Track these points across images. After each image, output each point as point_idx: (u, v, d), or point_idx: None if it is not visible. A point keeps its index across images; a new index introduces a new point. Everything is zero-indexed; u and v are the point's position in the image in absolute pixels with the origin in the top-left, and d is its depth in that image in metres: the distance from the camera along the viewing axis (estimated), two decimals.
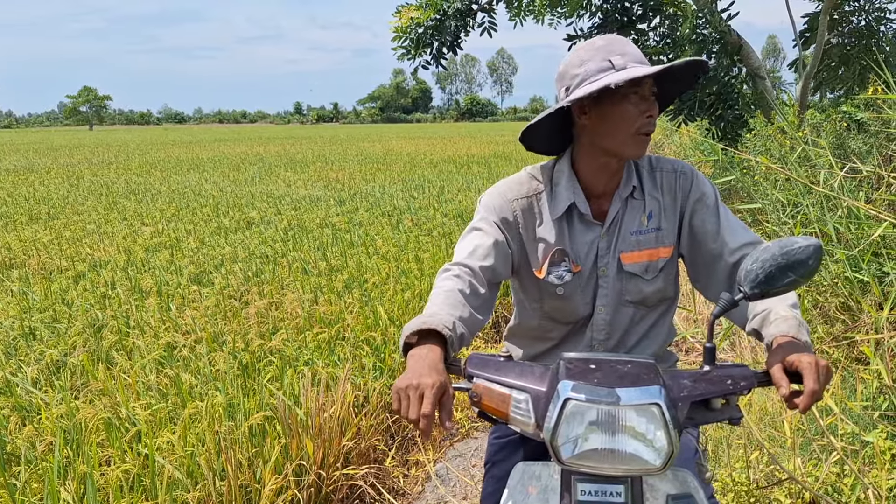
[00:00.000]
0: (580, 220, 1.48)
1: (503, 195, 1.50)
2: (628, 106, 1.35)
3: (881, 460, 2.16)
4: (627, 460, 1.00)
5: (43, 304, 4.61)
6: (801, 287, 1.08)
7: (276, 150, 26.54)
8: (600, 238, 1.47)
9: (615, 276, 1.47)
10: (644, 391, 1.00)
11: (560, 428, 1.00)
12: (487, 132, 47.87)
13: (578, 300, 1.49)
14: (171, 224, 8.22)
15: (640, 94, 1.35)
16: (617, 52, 1.35)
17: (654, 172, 1.49)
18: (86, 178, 15.14)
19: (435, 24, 7.70)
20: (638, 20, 7.64)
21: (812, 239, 1.08)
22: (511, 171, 14.12)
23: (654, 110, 1.37)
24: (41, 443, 2.60)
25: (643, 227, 1.46)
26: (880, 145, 5.39)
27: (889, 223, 2.77)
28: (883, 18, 7.78)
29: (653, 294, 1.50)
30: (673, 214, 1.48)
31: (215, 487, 2.36)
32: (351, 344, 3.69)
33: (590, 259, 1.48)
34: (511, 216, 1.49)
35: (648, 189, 1.48)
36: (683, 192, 1.47)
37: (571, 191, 1.46)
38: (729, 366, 1.13)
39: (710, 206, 1.46)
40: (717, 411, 1.10)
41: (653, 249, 1.47)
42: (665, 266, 1.49)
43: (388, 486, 2.92)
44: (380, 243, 6.43)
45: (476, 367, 1.15)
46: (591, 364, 1.08)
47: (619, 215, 1.47)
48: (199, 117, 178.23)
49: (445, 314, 1.23)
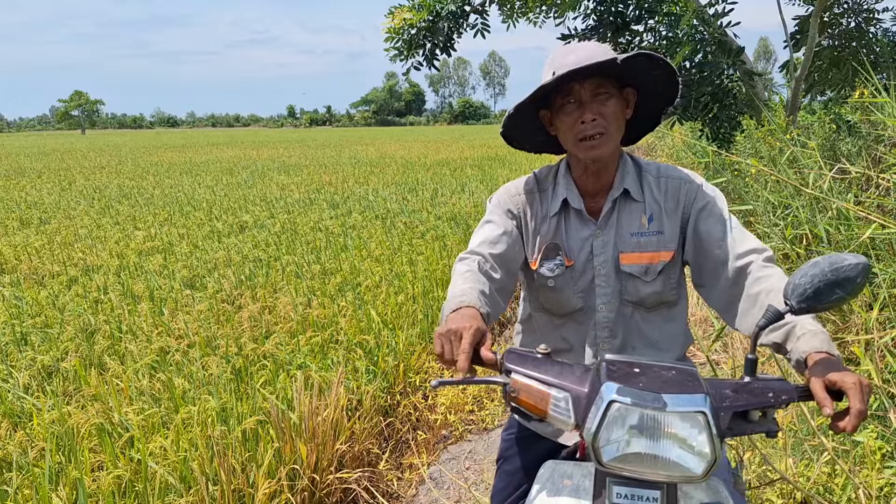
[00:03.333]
0: (576, 217, 1.54)
1: (508, 191, 1.61)
2: (563, 116, 1.43)
3: (871, 460, 2.17)
4: (669, 466, 1.00)
5: (34, 309, 4.59)
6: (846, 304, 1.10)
7: (269, 154, 26.49)
8: (594, 236, 1.52)
9: (614, 276, 1.52)
10: (690, 398, 0.99)
11: (603, 430, 1.00)
12: (481, 135, 47.91)
13: (570, 293, 1.54)
14: (164, 228, 8.19)
15: (577, 101, 1.40)
16: (558, 63, 1.39)
17: (660, 178, 1.53)
18: (78, 182, 15.07)
19: (428, 26, 7.70)
20: (633, 22, 7.66)
21: (861, 257, 1.08)
22: (505, 173, 14.22)
23: (586, 115, 1.39)
24: (33, 449, 2.59)
25: (644, 230, 1.50)
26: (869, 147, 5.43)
27: (878, 224, 2.79)
28: (872, 19, 7.82)
29: (650, 296, 1.52)
30: (675, 219, 1.51)
31: (208, 492, 2.35)
32: (344, 347, 3.68)
33: (583, 254, 1.53)
34: (515, 209, 1.58)
35: (650, 193, 1.51)
36: (688, 199, 1.50)
37: (565, 188, 1.54)
38: (769, 378, 1.13)
39: (715, 213, 1.48)
40: (755, 423, 1.09)
41: (654, 252, 1.50)
42: (664, 269, 1.51)
43: (381, 489, 2.92)
44: (373, 246, 6.43)
45: (514, 362, 1.15)
46: (635, 368, 1.08)
47: (613, 215, 1.51)
48: (191, 121, 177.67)
49: (472, 293, 1.30)
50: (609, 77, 1.40)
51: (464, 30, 8.05)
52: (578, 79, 1.38)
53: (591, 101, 1.39)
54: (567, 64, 1.35)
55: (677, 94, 1.48)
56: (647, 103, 1.51)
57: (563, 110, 1.42)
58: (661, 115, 1.58)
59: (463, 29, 8.02)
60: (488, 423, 3.55)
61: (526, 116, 1.50)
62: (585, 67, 1.32)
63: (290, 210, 9.54)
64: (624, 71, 1.37)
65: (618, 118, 1.43)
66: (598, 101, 1.40)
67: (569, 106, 1.41)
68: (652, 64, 1.37)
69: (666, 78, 1.43)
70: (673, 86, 1.45)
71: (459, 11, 7.72)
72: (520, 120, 1.51)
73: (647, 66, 1.38)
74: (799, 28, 8.15)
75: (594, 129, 1.39)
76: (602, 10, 7.66)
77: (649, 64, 1.37)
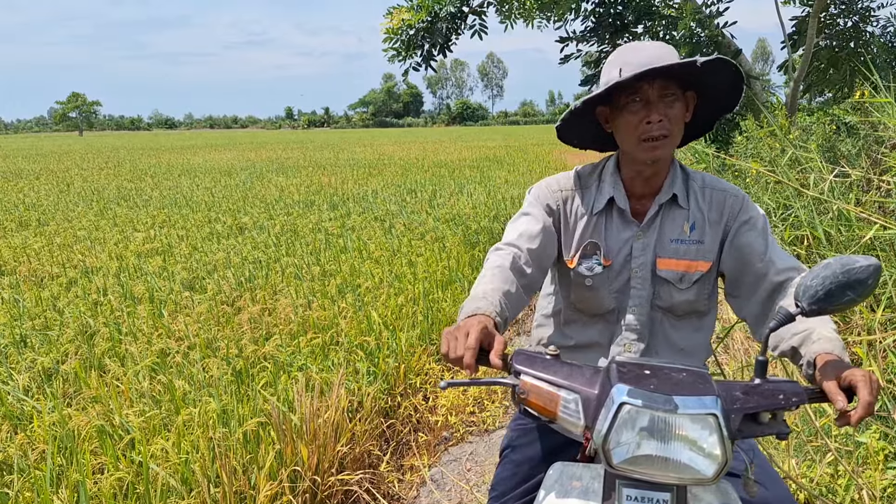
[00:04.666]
0: (619, 217, 1.53)
1: (549, 186, 1.60)
2: (627, 115, 1.41)
3: (875, 461, 2.17)
4: (680, 469, 0.99)
5: (34, 311, 4.58)
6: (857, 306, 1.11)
7: (267, 156, 26.47)
8: (635, 238, 1.51)
9: (649, 280, 1.52)
10: (701, 401, 0.99)
11: (613, 432, 0.99)
12: (479, 136, 47.96)
13: (605, 293, 1.54)
14: (163, 230, 8.18)
15: (643, 100, 1.38)
16: (623, 61, 1.38)
17: (706, 189, 1.53)
18: (76, 183, 15.05)
19: (426, 27, 7.71)
20: (631, 24, 7.68)
21: (872, 259, 1.08)
22: (503, 174, 14.23)
23: (653, 115, 1.37)
24: (33, 451, 2.58)
25: (684, 237, 1.50)
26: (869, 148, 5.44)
27: (879, 226, 2.80)
28: (868, 17, 7.84)
29: (682, 304, 1.52)
30: (716, 231, 1.50)
31: (210, 494, 2.34)
32: (345, 349, 3.68)
33: (622, 255, 1.52)
34: (554, 205, 1.57)
35: (695, 201, 1.51)
36: (731, 212, 1.50)
37: (612, 186, 1.53)
38: (779, 380, 1.12)
39: (758, 228, 1.48)
40: (765, 425, 1.09)
41: (691, 261, 1.50)
42: (700, 279, 1.51)
43: (383, 491, 2.91)
44: (372, 248, 6.43)
45: (523, 363, 1.14)
46: (646, 370, 1.07)
47: (658, 219, 1.51)
48: (189, 123, 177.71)
49: (494, 295, 1.31)
50: (674, 79, 1.39)
51: (462, 31, 8.06)
52: (648, 78, 1.36)
53: (657, 101, 1.38)
54: (638, 62, 1.34)
55: (737, 103, 1.48)
56: (704, 108, 1.50)
57: (628, 108, 1.40)
58: (714, 122, 1.58)
59: (461, 30, 8.03)
60: (489, 424, 3.54)
61: (582, 113, 1.49)
62: (664, 67, 1.31)
63: (289, 211, 9.53)
64: (689, 73, 1.37)
65: (680, 122, 1.42)
66: (664, 103, 1.38)
67: (634, 105, 1.39)
68: (722, 69, 1.36)
69: (730, 85, 1.43)
70: (735, 93, 1.44)
71: (458, 13, 7.72)
72: (576, 116, 1.50)
73: (716, 71, 1.36)
74: (797, 29, 8.17)
75: (660, 131, 1.38)
76: (601, 12, 7.67)
77: (720, 69, 1.36)
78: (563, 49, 7.97)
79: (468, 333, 1.14)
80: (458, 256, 5.93)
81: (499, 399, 3.77)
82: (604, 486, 1.09)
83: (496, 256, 1.46)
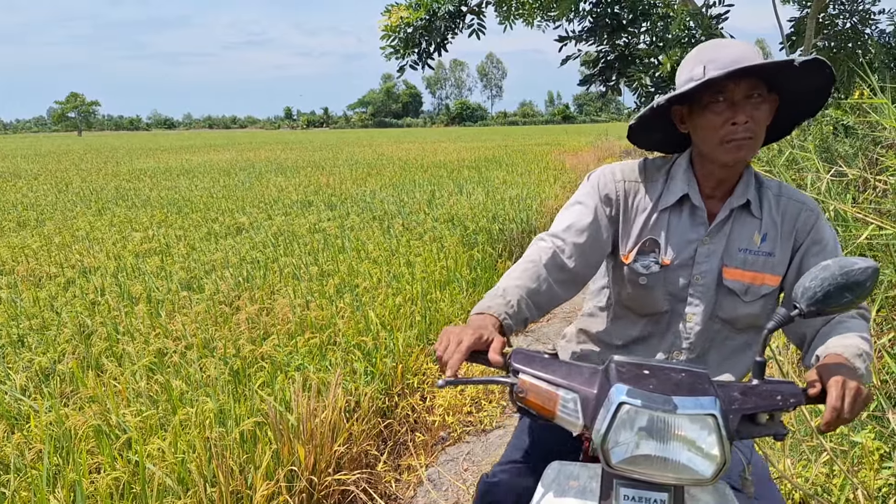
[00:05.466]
0: (689, 215, 1.45)
1: (613, 174, 1.50)
2: (709, 115, 1.34)
3: (870, 460, 2.18)
4: (679, 469, 0.99)
5: (31, 311, 4.58)
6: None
7: (266, 156, 26.47)
8: (702, 242, 1.43)
9: (713, 289, 1.44)
10: (700, 401, 0.99)
11: (612, 432, 0.99)
12: (478, 136, 47.96)
13: (659, 294, 1.46)
14: (161, 230, 8.17)
15: (728, 100, 1.32)
16: (708, 58, 1.32)
17: (780, 198, 1.45)
18: (75, 183, 15.04)
19: (424, 25, 7.71)
20: (629, 24, 7.68)
21: (870, 261, 1.09)
22: (502, 175, 14.23)
23: (739, 116, 1.31)
24: (30, 451, 2.58)
25: (754, 248, 1.42)
26: (866, 148, 5.44)
27: (875, 226, 2.80)
28: (867, 19, 7.84)
29: (745, 317, 1.45)
30: (787, 245, 1.43)
31: (206, 494, 2.35)
32: (342, 349, 3.68)
33: (683, 256, 1.44)
34: (615, 195, 1.48)
35: (768, 210, 1.44)
36: (805, 227, 1.43)
37: (686, 183, 1.45)
38: (777, 381, 1.13)
39: (829, 250, 1.41)
40: (762, 426, 1.09)
41: (759, 273, 1.42)
42: (767, 294, 1.43)
43: (380, 491, 2.91)
44: (371, 248, 6.43)
45: (522, 362, 1.14)
46: (645, 370, 1.07)
47: (728, 224, 1.43)
48: (188, 123, 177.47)
49: (514, 294, 1.29)
50: (761, 80, 1.32)
51: (460, 30, 8.06)
52: (735, 78, 1.29)
53: (743, 102, 1.31)
54: (724, 60, 1.28)
55: (821, 108, 1.42)
56: (785, 112, 1.42)
57: (711, 108, 1.33)
58: (793, 127, 1.50)
59: (459, 29, 8.03)
60: (486, 424, 3.55)
61: (655, 111, 1.42)
62: (756, 66, 1.25)
63: (287, 211, 9.53)
64: (775, 75, 1.31)
65: (765, 124, 1.35)
66: (751, 104, 1.31)
67: (718, 105, 1.32)
68: (815, 72, 1.30)
69: (816, 89, 1.36)
70: (820, 98, 1.38)
71: (456, 11, 7.72)
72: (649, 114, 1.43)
73: (808, 73, 1.30)
74: (795, 29, 8.17)
75: (745, 133, 1.31)
76: (598, 12, 7.67)
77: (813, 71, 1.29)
78: (561, 49, 7.97)
79: (461, 341, 1.14)
80: (456, 257, 5.93)
81: (496, 399, 3.78)
82: (601, 485, 1.09)
83: (535, 249, 1.41)
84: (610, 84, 8.16)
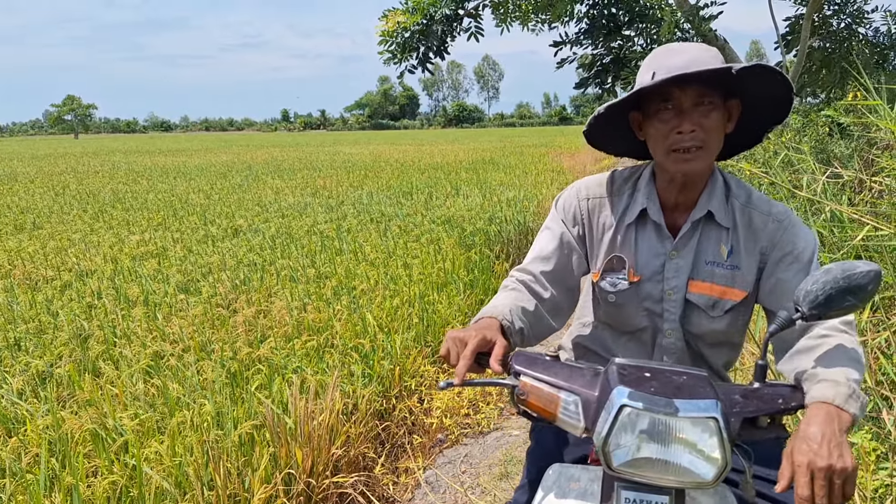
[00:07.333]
0: (653, 230, 1.40)
1: (577, 192, 1.47)
2: (657, 122, 1.30)
3: (866, 461, 2.18)
4: (680, 472, 0.99)
5: (28, 314, 4.57)
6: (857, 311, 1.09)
7: (263, 158, 26.44)
8: (669, 256, 1.39)
9: (682, 303, 1.39)
10: (702, 404, 0.99)
11: (613, 435, 0.99)
12: (475, 138, 48.01)
13: (633, 311, 1.43)
14: (158, 232, 8.16)
15: (676, 108, 1.27)
16: (658, 64, 1.28)
17: (747, 209, 1.38)
18: (71, 186, 15.01)
19: (421, 29, 7.72)
20: (624, 26, 7.70)
21: (873, 264, 1.08)
22: (499, 176, 14.24)
23: (685, 125, 1.26)
24: (27, 455, 2.58)
25: (720, 260, 1.37)
26: (861, 149, 5.46)
27: (871, 227, 2.81)
28: (861, 19, 7.87)
29: (713, 333, 1.40)
30: (752, 258, 1.36)
31: (204, 497, 2.34)
32: (339, 351, 3.68)
33: (652, 272, 1.40)
34: (579, 214, 1.46)
35: (735, 221, 1.37)
36: (770, 240, 1.35)
37: (646, 197, 1.41)
38: (779, 385, 1.12)
39: (802, 261, 1.32)
40: (764, 429, 1.09)
41: (725, 287, 1.36)
42: (732, 309, 1.38)
43: (377, 493, 2.91)
44: (368, 250, 6.43)
45: (523, 364, 1.14)
46: (646, 372, 1.06)
47: (694, 237, 1.38)
48: (185, 125, 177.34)
49: (505, 306, 1.30)
50: (714, 86, 1.26)
51: (457, 33, 8.07)
52: (681, 84, 1.24)
53: (691, 109, 1.26)
54: (671, 66, 1.23)
55: (787, 114, 1.36)
56: (751, 118, 1.37)
57: (659, 116, 1.28)
58: (763, 134, 1.45)
59: (457, 32, 8.04)
60: (484, 426, 3.55)
61: (613, 118, 1.37)
62: (693, 74, 1.19)
63: (284, 214, 9.53)
64: (732, 81, 1.25)
65: (718, 132, 1.29)
66: (699, 112, 1.26)
67: (665, 112, 1.27)
68: (767, 77, 1.25)
69: (780, 95, 1.30)
70: (785, 103, 1.32)
71: (453, 15, 7.73)
72: (606, 121, 1.38)
73: (760, 78, 1.25)
74: (790, 29, 8.20)
75: (691, 142, 1.26)
76: (594, 14, 7.70)
77: (764, 77, 1.25)
78: (556, 52, 7.98)
79: (467, 343, 1.14)
80: (453, 259, 5.93)
81: (493, 401, 3.78)
82: (602, 487, 1.09)
83: (510, 281, 1.42)
84: (605, 87, 8.18)
